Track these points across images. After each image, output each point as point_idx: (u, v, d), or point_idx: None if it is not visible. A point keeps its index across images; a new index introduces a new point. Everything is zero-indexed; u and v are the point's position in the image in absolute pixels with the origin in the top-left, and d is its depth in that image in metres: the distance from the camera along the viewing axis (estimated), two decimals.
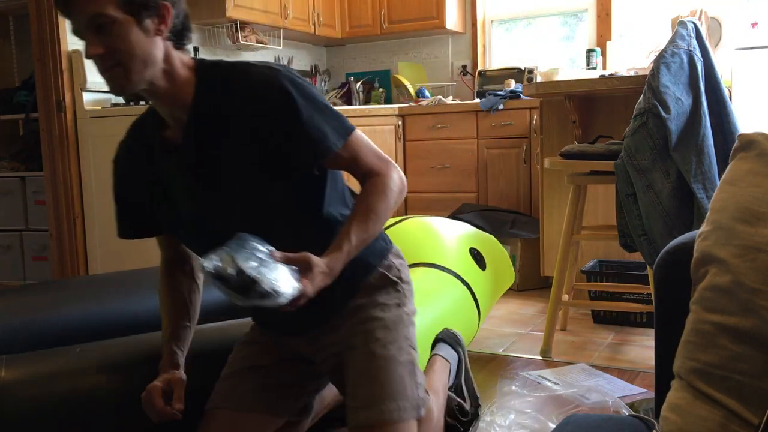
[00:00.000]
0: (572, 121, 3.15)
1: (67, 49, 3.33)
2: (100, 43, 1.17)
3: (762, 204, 0.95)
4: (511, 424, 1.99)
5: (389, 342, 1.33)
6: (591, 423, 1.11)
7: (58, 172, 3.37)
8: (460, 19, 4.80)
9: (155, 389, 1.33)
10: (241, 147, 1.27)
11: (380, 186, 1.31)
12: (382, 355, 1.31)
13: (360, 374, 1.30)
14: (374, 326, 1.34)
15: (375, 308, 1.37)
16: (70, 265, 3.42)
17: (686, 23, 2.34)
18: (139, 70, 1.20)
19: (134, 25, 1.18)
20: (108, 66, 1.19)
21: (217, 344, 1.60)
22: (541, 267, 3.51)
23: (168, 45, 1.24)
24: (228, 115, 1.27)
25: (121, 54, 1.18)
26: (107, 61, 1.18)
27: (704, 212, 2.14)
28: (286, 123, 1.25)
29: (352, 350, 1.33)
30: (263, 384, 1.40)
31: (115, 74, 1.20)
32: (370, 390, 1.27)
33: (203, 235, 1.35)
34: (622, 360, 2.57)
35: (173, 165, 1.33)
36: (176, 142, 1.31)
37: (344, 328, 1.36)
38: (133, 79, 1.20)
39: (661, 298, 1.13)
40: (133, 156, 1.40)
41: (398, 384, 1.29)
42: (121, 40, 1.17)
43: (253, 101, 1.25)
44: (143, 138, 1.39)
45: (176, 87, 1.26)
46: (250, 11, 4.12)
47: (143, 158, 1.38)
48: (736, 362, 0.89)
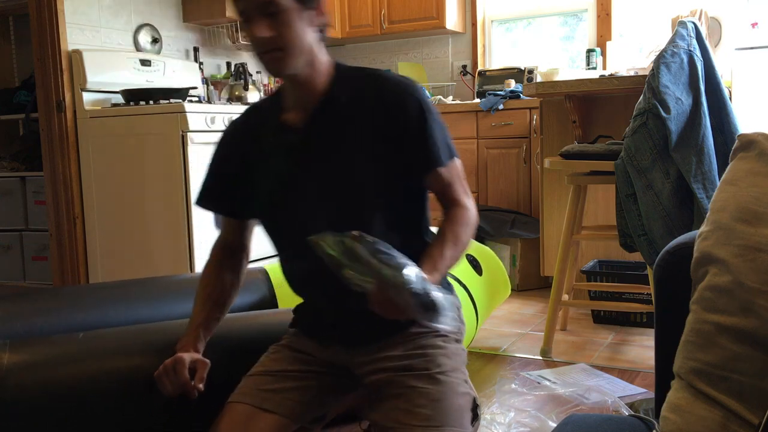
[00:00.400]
0: (572, 121, 3.15)
1: (67, 49, 3.34)
2: (267, 27, 1.25)
3: (762, 204, 0.95)
4: (511, 422, 2.00)
5: (450, 371, 1.34)
6: (591, 423, 1.11)
7: (58, 172, 3.37)
8: (460, 19, 4.80)
9: (182, 361, 1.36)
10: (364, 142, 1.34)
11: (466, 218, 1.37)
12: (445, 381, 1.32)
13: (422, 395, 1.29)
14: (436, 353, 1.36)
15: (437, 338, 1.39)
16: (69, 265, 3.42)
17: (686, 23, 2.34)
18: (296, 56, 1.28)
19: (299, 14, 1.27)
20: (269, 49, 1.27)
21: (240, 341, 1.62)
22: (541, 267, 3.51)
23: (315, 36, 1.33)
24: (358, 109, 1.34)
25: (284, 40, 1.26)
26: (270, 44, 1.26)
27: (704, 212, 2.14)
28: (414, 128, 1.33)
29: (411, 371, 1.33)
30: (288, 388, 1.39)
31: (274, 57, 1.28)
32: (433, 412, 1.27)
33: (287, 221, 1.39)
34: (622, 360, 2.57)
35: (285, 147, 1.38)
36: (295, 125, 1.37)
37: (402, 348, 1.37)
38: (289, 64, 1.28)
39: (661, 298, 1.13)
40: (241, 133, 1.46)
41: (458, 413, 1.29)
42: (288, 27, 1.26)
43: (388, 102, 1.33)
44: (257, 118, 1.46)
45: (315, 75, 1.34)
46: None
47: (250, 137, 1.44)
48: (736, 362, 0.89)
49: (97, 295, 1.91)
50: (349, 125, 1.35)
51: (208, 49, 4.24)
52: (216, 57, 4.32)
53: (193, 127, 3.10)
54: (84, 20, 3.46)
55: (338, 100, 1.35)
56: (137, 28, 3.78)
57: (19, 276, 3.89)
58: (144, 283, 2.03)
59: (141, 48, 3.79)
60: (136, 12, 3.78)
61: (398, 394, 1.31)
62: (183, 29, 4.08)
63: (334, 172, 1.35)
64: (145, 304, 1.90)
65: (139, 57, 3.63)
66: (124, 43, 3.72)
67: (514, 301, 3.45)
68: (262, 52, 1.28)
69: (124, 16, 3.71)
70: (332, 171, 1.35)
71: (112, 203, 3.33)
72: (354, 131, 1.34)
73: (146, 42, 3.82)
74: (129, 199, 3.28)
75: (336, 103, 1.35)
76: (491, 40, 4.92)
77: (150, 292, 1.96)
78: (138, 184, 3.24)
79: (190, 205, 3.11)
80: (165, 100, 3.26)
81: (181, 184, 3.11)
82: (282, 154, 1.39)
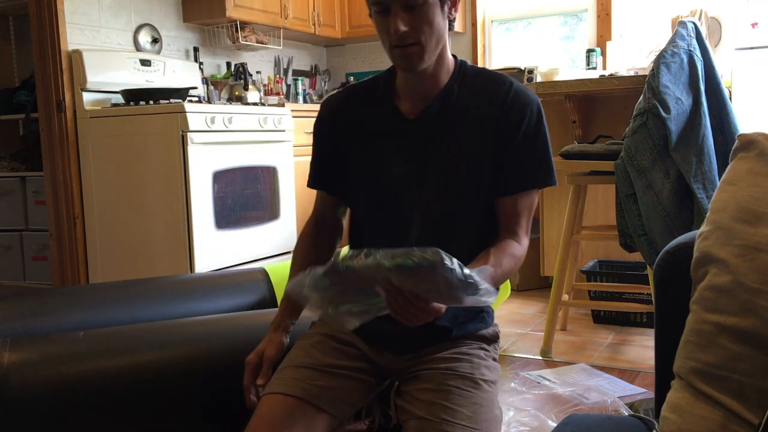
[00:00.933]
0: (572, 121, 3.15)
1: (67, 49, 3.34)
2: (407, 20, 1.22)
3: (762, 204, 0.95)
4: (511, 422, 1.99)
5: (491, 382, 1.35)
6: (591, 423, 1.11)
7: (58, 172, 3.37)
8: (460, 19, 4.80)
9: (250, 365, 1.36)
10: (474, 141, 1.32)
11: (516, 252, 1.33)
12: (486, 390, 1.32)
13: (463, 396, 1.28)
14: (480, 362, 1.36)
15: (479, 350, 1.39)
16: (69, 265, 3.42)
17: (686, 23, 2.34)
18: (432, 51, 1.26)
19: (439, 8, 1.24)
20: (407, 43, 1.23)
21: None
22: (541, 267, 3.51)
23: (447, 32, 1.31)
24: (475, 108, 1.33)
25: (423, 34, 1.23)
26: (408, 38, 1.23)
27: (704, 212, 2.14)
28: (526, 140, 1.32)
29: (455, 373, 1.32)
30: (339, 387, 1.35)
31: (411, 52, 1.24)
32: (473, 415, 1.26)
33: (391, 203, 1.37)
34: (622, 360, 2.57)
35: (396, 132, 1.36)
36: (408, 113, 1.35)
37: (448, 351, 1.36)
38: (425, 59, 1.26)
39: (661, 298, 1.13)
40: (344, 113, 1.43)
41: (495, 423, 1.30)
42: (428, 21, 1.23)
43: (509, 108, 1.31)
44: (363, 101, 1.42)
45: (440, 71, 1.33)
46: (250, 11, 4.12)
47: (355, 118, 1.41)
48: (736, 362, 0.89)
49: (96, 296, 1.91)
50: (461, 123, 1.33)
51: (208, 49, 4.24)
52: (216, 57, 4.32)
53: (193, 127, 3.10)
54: (84, 20, 3.46)
55: (456, 97, 1.34)
56: (137, 28, 3.78)
57: (19, 276, 3.89)
58: (144, 284, 2.03)
59: (141, 48, 3.79)
60: (136, 12, 3.78)
61: (439, 390, 1.29)
62: (183, 29, 4.08)
63: (439, 166, 1.33)
64: (144, 305, 1.90)
65: (139, 57, 3.63)
66: (124, 43, 3.72)
67: (514, 301, 3.45)
68: (394, 46, 1.25)
69: (124, 16, 3.71)
70: (437, 165, 1.33)
71: (112, 203, 3.33)
72: (467, 129, 1.33)
73: (146, 42, 3.82)
74: (129, 199, 3.28)
75: (453, 98, 1.34)
76: (491, 40, 4.92)
77: (150, 293, 1.96)
78: (138, 184, 3.24)
79: (190, 205, 3.11)
80: (165, 100, 3.26)
81: (181, 184, 3.11)
82: (392, 140, 1.37)
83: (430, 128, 1.34)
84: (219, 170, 3.26)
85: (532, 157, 1.33)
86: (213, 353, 1.56)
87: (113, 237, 3.35)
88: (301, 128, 3.95)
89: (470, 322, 1.40)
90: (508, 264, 1.30)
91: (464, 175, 1.33)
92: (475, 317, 1.41)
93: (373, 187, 1.40)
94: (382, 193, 1.39)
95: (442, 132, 1.34)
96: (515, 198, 1.34)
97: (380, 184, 1.38)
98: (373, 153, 1.39)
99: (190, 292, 2.02)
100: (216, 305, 2.00)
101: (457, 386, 1.29)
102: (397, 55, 1.26)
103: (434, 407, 1.27)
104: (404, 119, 1.36)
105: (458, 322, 1.37)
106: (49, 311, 1.77)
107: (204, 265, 3.16)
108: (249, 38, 4.26)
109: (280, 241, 3.65)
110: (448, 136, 1.34)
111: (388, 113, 1.38)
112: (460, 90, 1.34)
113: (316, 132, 1.48)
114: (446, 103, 1.34)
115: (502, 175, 1.33)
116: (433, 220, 1.33)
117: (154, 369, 1.51)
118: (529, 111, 1.32)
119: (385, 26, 1.24)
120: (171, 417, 1.53)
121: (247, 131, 3.44)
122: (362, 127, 1.40)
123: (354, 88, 1.47)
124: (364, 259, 1.01)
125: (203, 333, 1.60)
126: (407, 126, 1.35)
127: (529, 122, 1.32)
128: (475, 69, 1.39)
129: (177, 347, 1.55)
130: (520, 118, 1.31)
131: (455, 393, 1.28)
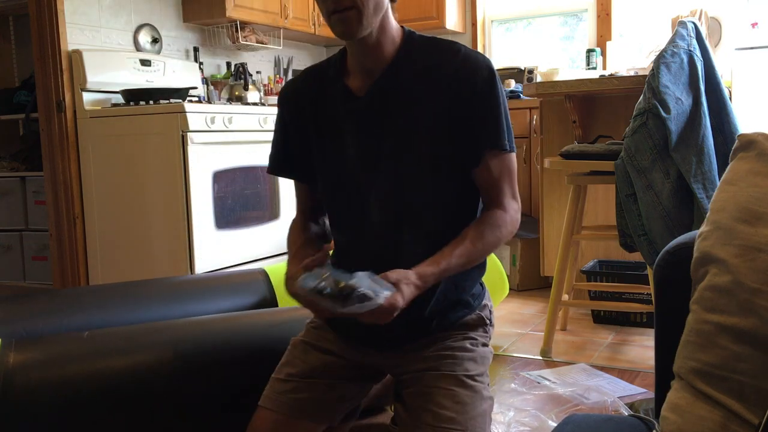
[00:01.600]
0: (572, 121, 3.15)
1: (67, 49, 3.33)
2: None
3: (762, 204, 0.95)
4: (510, 422, 2.00)
5: (477, 375, 1.35)
6: (591, 423, 1.11)
7: (58, 172, 3.37)
8: (460, 19, 4.80)
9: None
10: (426, 114, 1.29)
11: (500, 221, 1.31)
12: (471, 386, 1.32)
13: (447, 396, 1.30)
14: (463, 357, 1.35)
15: (465, 340, 1.38)
16: (70, 265, 3.42)
17: (686, 23, 2.34)
18: (370, 16, 1.23)
19: None
20: (343, 7, 1.21)
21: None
22: (541, 267, 3.51)
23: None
24: (425, 79, 1.29)
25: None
26: (343, 3, 1.20)
27: (704, 212, 2.14)
28: (482, 104, 1.28)
29: (438, 372, 1.33)
30: (320, 393, 1.39)
31: (348, 17, 1.21)
32: (457, 416, 1.28)
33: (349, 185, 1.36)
34: (622, 360, 2.57)
35: (348, 111, 1.34)
36: (358, 90, 1.33)
37: (431, 350, 1.37)
38: (363, 24, 1.23)
39: (661, 298, 1.13)
40: (303, 97, 1.42)
41: (481, 418, 1.30)
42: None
43: (459, 74, 1.27)
44: (317, 82, 1.40)
45: (384, 40, 1.29)
46: (250, 11, 4.12)
47: (310, 100, 1.40)
48: (736, 362, 0.89)
49: (98, 297, 1.92)
50: (412, 96, 1.30)
51: (208, 49, 4.24)
52: (216, 57, 4.32)
53: (193, 127, 3.10)
54: (84, 20, 3.46)
55: (405, 69, 1.30)
56: (137, 28, 3.78)
57: (19, 276, 3.89)
58: (145, 285, 2.03)
59: (141, 48, 3.79)
60: (136, 12, 3.78)
61: (424, 393, 1.31)
62: (183, 29, 4.08)
63: (392, 142, 1.31)
64: (146, 306, 1.90)
65: (139, 57, 3.63)
66: (124, 43, 3.72)
67: (514, 301, 3.45)
68: (333, 11, 1.22)
69: (124, 16, 3.71)
70: (390, 141, 1.31)
71: (112, 203, 3.33)
72: (417, 102, 1.30)
73: (146, 42, 3.82)
74: (129, 199, 3.28)
75: (402, 71, 1.30)
76: (491, 40, 4.92)
77: (151, 294, 1.96)
78: (138, 184, 3.24)
79: (190, 205, 3.11)
80: (165, 100, 3.26)
81: (181, 184, 3.11)
82: (342, 119, 1.35)
83: (380, 104, 1.31)
84: (219, 170, 3.26)
85: (490, 118, 1.29)
86: (215, 353, 1.56)
87: (113, 237, 3.35)
88: None
89: (450, 312, 1.38)
90: (492, 235, 1.29)
91: (419, 151, 1.30)
92: (456, 305, 1.39)
93: (330, 170, 1.39)
94: (338, 175, 1.37)
95: (393, 107, 1.30)
96: (486, 166, 1.30)
97: (336, 166, 1.37)
98: (327, 135, 1.37)
99: (192, 292, 2.03)
100: (217, 305, 2.01)
101: (440, 387, 1.30)
102: (335, 20, 1.23)
103: (419, 412, 1.29)
104: (354, 97, 1.33)
105: (437, 314, 1.35)
106: (51, 313, 1.77)
107: (204, 265, 3.16)
108: (249, 38, 4.26)
109: (280, 241, 3.65)
110: (401, 110, 1.30)
111: (339, 93, 1.35)
112: (408, 62, 1.31)
113: (277, 118, 1.47)
114: (394, 76, 1.30)
115: (465, 145, 1.30)
116: (390, 200, 1.31)
117: (159, 368, 1.52)
118: (480, 73, 1.27)
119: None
120: (174, 415, 1.53)
121: (247, 131, 3.44)
122: (316, 109, 1.38)
123: (310, 70, 1.45)
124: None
125: (206, 333, 1.61)
126: (357, 105, 1.33)
127: (482, 84, 1.27)
128: (423, 38, 1.35)
129: (180, 347, 1.56)
130: (472, 83, 1.27)
131: (439, 395, 1.29)
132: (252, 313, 1.83)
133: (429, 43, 1.34)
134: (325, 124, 1.37)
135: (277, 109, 1.47)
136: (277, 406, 1.37)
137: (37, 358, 1.45)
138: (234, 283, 2.13)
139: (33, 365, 1.43)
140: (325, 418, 1.39)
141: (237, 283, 2.14)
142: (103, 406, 1.45)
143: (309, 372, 1.40)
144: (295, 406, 1.36)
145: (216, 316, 1.75)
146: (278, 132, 1.47)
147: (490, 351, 1.44)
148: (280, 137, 1.47)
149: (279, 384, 1.40)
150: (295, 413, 1.36)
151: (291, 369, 1.41)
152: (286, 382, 1.40)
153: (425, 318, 1.35)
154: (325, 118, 1.37)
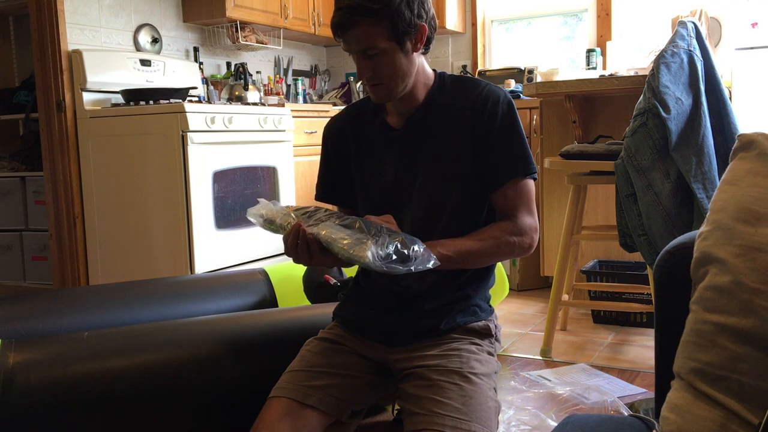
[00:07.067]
0: (572, 121, 3.15)
1: (67, 49, 3.34)
2: (369, 66, 1.40)
3: (762, 204, 0.95)
4: (510, 420, 2.00)
5: (483, 374, 1.40)
6: (591, 423, 1.11)
7: (58, 172, 3.37)
8: (460, 19, 4.80)
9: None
10: (454, 143, 1.45)
11: (506, 227, 1.44)
12: (477, 383, 1.38)
13: (453, 390, 1.35)
14: (470, 357, 1.42)
15: (471, 344, 1.46)
16: (70, 265, 3.42)
17: (686, 23, 2.34)
18: (398, 86, 1.43)
19: (398, 51, 1.40)
20: (373, 83, 1.42)
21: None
22: (541, 267, 3.51)
23: (419, 57, 1.47)
24: (451, 113, 1.46)
25: (385, 77, 1.41)
26: (374, 80, 1.42)
27: (704, 212, 2.14)
28: (500, 136, 1.43)
29: (445, 368, 1.39)
30: (330, 384, 1.44)
31: (379, 89, 1.43)
32: (463, 407, 1.32)
33: (387, 205, 1.50)
34: (622, 360, 2.57)
35: (387, 141, 1.51)
36: (395, 124, 1.51)
37: (438, 348, 1.44)
38: (392, 94, 1.44)
39: (661, 298, 1.13)
40: (344, 131, 1.59)
41: (486, 413, 1.34)
42: (387, 65, 1.40)
43: (481, 108, 1.44)
44: (357, 118, 1.58)
45: (417, 89, 1.48)
46: (250, 11, 4.12)
47: (352, 134, 1.57)
48: (736, 362, 0.89)
49: (98, 297, 1.92)
50: (441, 127, 1.46)
51: (208, 49, 4.24)
52: (216, 57, 4.32)
53: (193, 127, 3.10)
54: (84, 20, 3.46)
55: (437, 105, 1.48)
56: (137, 28, 3.78)
57: (19, 276, 3.89)
58: (145, 285, 2.03)
59: (141, 48, 3.79)
60: (136, 12, 3.78)
61: (430, 386, 1.37)
62: (183, 29, 4.08)
63: (424, 168, 1.47)
64: (146, 306, 1.90)
65: (139, 57, 3.63)
66: (124, 43, 3.72)
67: (514, 301, 3.45)
68: (366, 84, 1.43)
69: (124, 16, 3.71)
70: (423, 167, 1.47)
71: (112, 203, 3.33)
72: (448, 134, 1.46)
73: (146, 42, 3.82)
74: (129, 199, 3.28)
75: (432, 108, 1.48)
76: (491, 40, 4.92)
77: (151, 294, 1.96)
78: (138, 184, 3.24)
79: (190, 205, 3.11)
80: (165, 100, 3.26)
81: (181, 184, 3.11)
82: (383, 150, 1.52)
83: (415, 135, 1.48)
84: (219, 170, 3.26)
85: (509, 150, 1.44)
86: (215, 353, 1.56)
87: (113, 237, 3.35)
88: (301, 128, 3.95)
89: (459, 315, 1.47)
90: (493, 234, 1.42)
91: (448, 175, 1.45)
92: (465, 310, 1.48)
93: (369, 193, 1.54)
94: (377, 198, 1.52)
95: (426, 138, 1.47)
96: (504, 190, 1.45)
97: (375, 190, 1.52)
98: (368, 163, 1.54)
99: (192, 292, 2.03)
100: (217, 305, 2.01)
101: (447, 380, 1.37)
102: (369, 89, 1.45)
103: (425, 401, 1.34)
104: (392, 129, 1.51)
105: (446, 315, 1.45)
106: (51, 313, 1.77)
107: (204, 265, 3.16)
108: (249, 38, 4.26)
109: (279, 241, 3.65)
110: (432, 141, 1.47)
111: (379, 126, 1.53)
112: (440, 99, 1.49)
113: (322, 151, 1.64)
114: (427, 112, 1.48)
115: (486, 172, 1.45)
116: (422, 217, 1.46)
117: (159, 368, 1.52)
118: (500, 108, 1.43)
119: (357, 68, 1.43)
120: (175, 415, 1.53)
121: (247, 131, 3.44)
122: (358, 141, 1.56)
123: (351, 108, 1.64)
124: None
125: (207, 333, 1.61)
126: (395, 135, 1.50)
127: (501, 119, 1.43)
128: (453, 77, 1.53)
129: (181, 346, 1.56)
130: (492, 116, 1.43)
131: (445, 387, 1.35)
132: (252, 313, 1.83)
133: (457, 81, 1.52)
134: (366, 153, 1.54)
135: (322, 143, 1.63)
136: (288, 393, 1.41)
137: (37, 358, 1.45)
138: (234, 283, 2.14)
139: (33, 365, 1.43)
140: (333, 411, 1.42)
141: (237, 283, 2.14)
142: (103, 406, 1.45)
143: (322, 365, 1.46)
144: (308, 393, 1.40)
145: (216, 316, 1.75)
146: (323, 165, 1.63)
147: (497, 362, 1.49)
148: (325, 169, 1.63)
149: (291, 375, 1.45)
150: (307, 400, 1.39)
151: (304, 362, 1.48)
152: (298, 372, 1.45)
153: (434, 316, 1.44)
154: (366, 148, 1.54)
